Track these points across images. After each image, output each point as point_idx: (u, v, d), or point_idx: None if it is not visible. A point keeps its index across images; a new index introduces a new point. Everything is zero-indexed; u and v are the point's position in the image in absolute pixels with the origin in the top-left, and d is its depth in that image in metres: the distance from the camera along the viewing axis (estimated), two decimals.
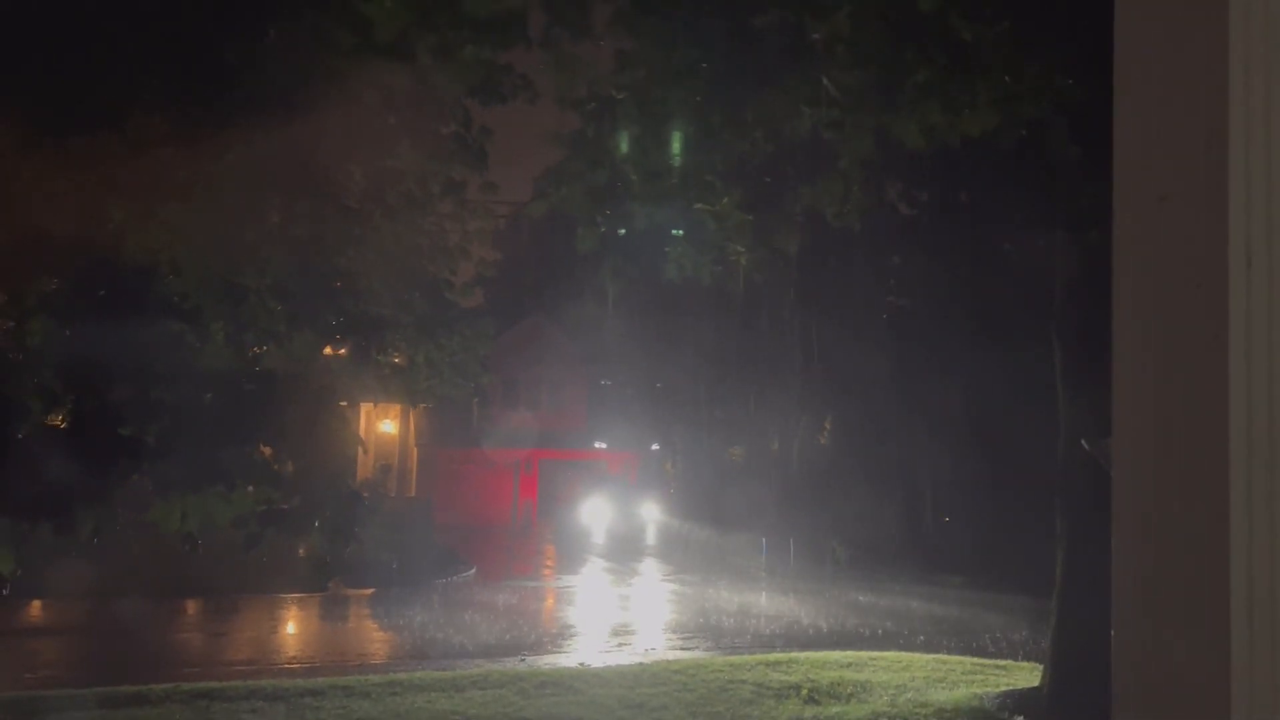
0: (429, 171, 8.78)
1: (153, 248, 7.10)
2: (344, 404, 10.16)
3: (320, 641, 16.94)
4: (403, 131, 8.28)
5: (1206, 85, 1.13)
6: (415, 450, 36.84)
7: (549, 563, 28.57)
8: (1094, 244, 8.94)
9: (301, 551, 19.78)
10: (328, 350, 9.78)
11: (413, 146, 8.46)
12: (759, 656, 12.48)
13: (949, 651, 14.14)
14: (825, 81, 7.49)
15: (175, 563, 17.68)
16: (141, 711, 9.43)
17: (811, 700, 10.14)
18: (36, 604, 17.57)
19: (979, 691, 10.59)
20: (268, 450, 8.50)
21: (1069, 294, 10.53)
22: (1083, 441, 8.98)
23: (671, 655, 14.26)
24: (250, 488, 7.96)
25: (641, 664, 12.57)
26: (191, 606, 18.73)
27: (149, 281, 7.32)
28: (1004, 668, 12.52)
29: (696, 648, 15.43)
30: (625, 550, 31.41)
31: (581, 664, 13.05)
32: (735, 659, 12.38)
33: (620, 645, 15.96)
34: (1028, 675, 11.49)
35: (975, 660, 13.01)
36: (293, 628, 18.06)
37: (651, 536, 33.64)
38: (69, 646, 15.53)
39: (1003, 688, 10.82)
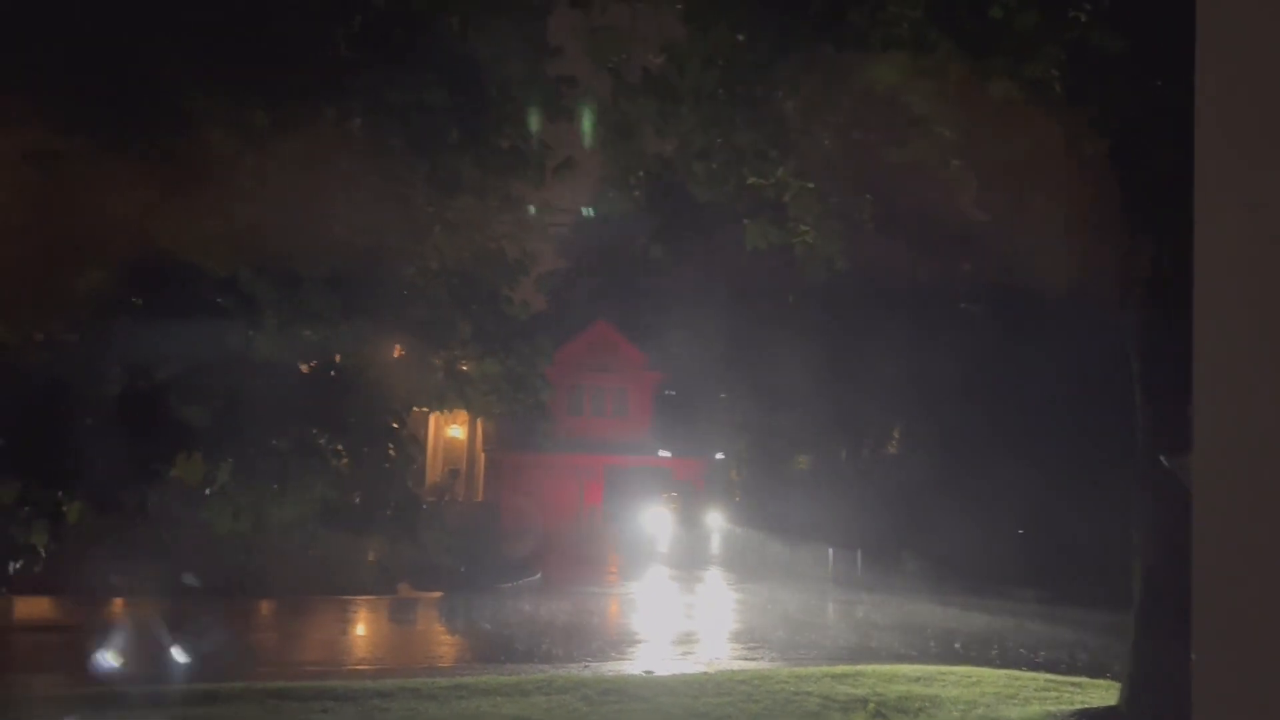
0: (488, 186, 8.81)
1: (209, 240, 7.17)
2: (409, 408, 10.24)
3: (389, 643, 17.18)
4: (461, 146, 8.30)
5: None
6: (483, 455, 37.21)
7: (614, 569, 28.63)
8: (1172, 252, 8.69)
9: (371, 556, 20.14)
10: (397, 352, 9.88)
11: (473, 162, 8.48)
12: (825, 668, 12.34)
13: (1021, 666, 13.84)
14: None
15: (247, 563, 18.15)
16: (214, 709, 9.65)
17: (879, 715, 10.00)
18: (118, 602, 18.10)
19: (1053, 709, 10.35)
20: (325, 445, 8.54)
21: (1145, 304, 10.24)
22: (1161, 458, 8.73)
23: (736, 665, 14.19)
24: (307, 486, 8.02)
25: (706, 673, 12.51)
26: (264, 607, 19.13)
27: (202, 269, 7.40)
28: (1079, 685, 12.21)
29: (761, 658, 15.33)
30: (690, 558, 31.36)
31: (646, 671, 13.04)
32: (801, 670, 12.27)
33: (685, 654, 15.92)
34: (1104, 693, 11.20)
35: (1049, 676, 12.72)
36: (362, 629, 18.35)
37: (716, 544, 33.53)
38: (143, 643, 15.94)
39: (1077, 705, 10.56)
